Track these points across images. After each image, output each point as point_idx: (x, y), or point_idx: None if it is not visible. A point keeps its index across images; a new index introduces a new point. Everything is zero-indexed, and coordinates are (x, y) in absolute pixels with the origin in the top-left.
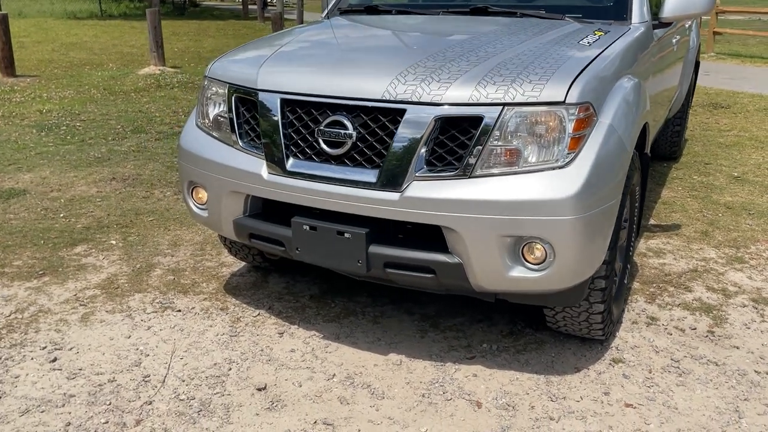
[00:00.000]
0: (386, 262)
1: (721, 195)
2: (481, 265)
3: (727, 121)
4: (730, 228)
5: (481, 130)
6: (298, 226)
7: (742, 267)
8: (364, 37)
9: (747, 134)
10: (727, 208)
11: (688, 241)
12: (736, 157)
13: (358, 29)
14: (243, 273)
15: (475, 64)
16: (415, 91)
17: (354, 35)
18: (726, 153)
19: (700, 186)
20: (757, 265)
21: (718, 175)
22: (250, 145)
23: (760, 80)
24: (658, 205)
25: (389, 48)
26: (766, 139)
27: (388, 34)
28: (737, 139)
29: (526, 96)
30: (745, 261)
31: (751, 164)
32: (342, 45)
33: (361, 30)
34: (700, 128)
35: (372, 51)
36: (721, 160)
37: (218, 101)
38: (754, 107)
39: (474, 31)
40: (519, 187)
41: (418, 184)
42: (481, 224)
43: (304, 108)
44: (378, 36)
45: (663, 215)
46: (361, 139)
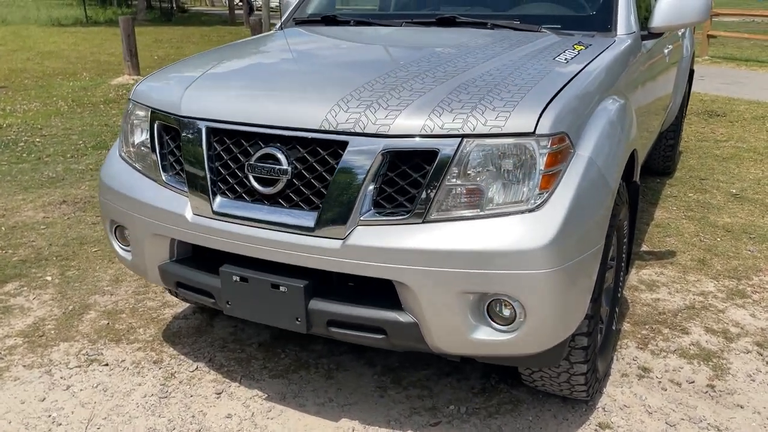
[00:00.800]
0: (329, 320)
1: (719, 215)
2: (439, 326)
3: (724, 131)
4: (730, 255)
5: (437, 166)
6: (227, 277)
7: (743, 303)
8: (311, 54)
9: (744, 145)
10: (726, 231)
11: (684, 271)
12: (733, 171)
13: (308, 44)
14: (187, 315)
15: (431, 87)
16: (358, 120)
17: (301, 51)
18: (723, 167)
19: (696, 205)
20: (760, 300)
21: (715, 192)
22: (175, 180)
23: (755, 85)
24: (650, 228)
25: (336, 67)
26: (765, 150)
27: (340, 50)
28: (735, 151)
29: (489, 126)
30: (748, 295)
31: (750, 179)
32: (283, 63)
33: (311, 44)
34: (695, 138)
35: (315, 71)
36: (717, 175)
37: (142, 128)
38: (751, 115)
39: (437, 45)
40: (481, 235)
41: (363, 230)
42: (437, 279)
43: (232, 138)
44: (328, 52)
45: (656, 240)
46: (297, 176)
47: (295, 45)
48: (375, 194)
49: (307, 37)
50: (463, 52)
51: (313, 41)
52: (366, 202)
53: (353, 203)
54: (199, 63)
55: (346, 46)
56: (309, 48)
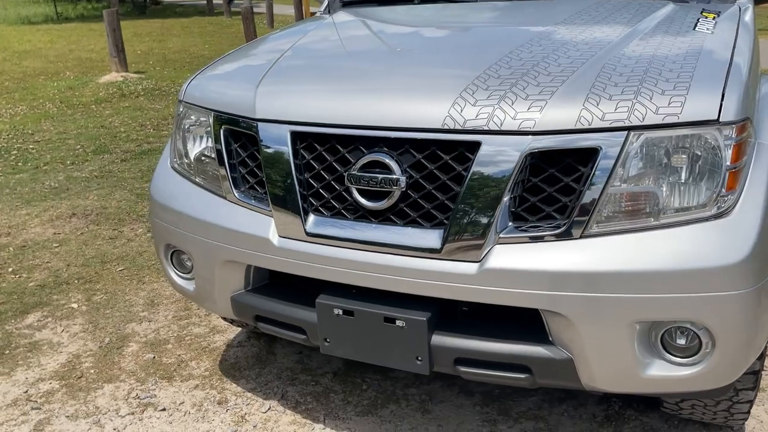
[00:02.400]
0: (458, 357)
1: None
2: (601, 362)
3: None
4: None
5: (598, 167)
6: (326, 310)
7: None
8: (392, 39)
9: None
10: None
11: None
12: None
13: (378, 28)
14: (242, 342)
15: (572, 69)
16: (492, 115)
17: (376, 37)
18: None
19: None
20: None
21: None
22: (251, 197)
23: None
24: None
25: (435, 52)
26: None
27: (425, 34)
28: None
29: (662, 115)
30: None
31: None
32: (366, 51)
33: (384, 29)
34: None
35: (412, 58)
36: None
37: (201, 135)
38: None
39: (542, 22)
40: (658, 251)
41: (503, 249)
42: (602, 307)
43: (326, 143)
44: (410, 37)
45: None
46: (413, 186)
47: (362, 30)
48: (515, 205)
49: (372, 22)
50: (580, 29)
51: (383, 25)
52: (504, 214)
53: (490, 217)
54: (255, 54)
55: (428, 28)
56: (383, 32)
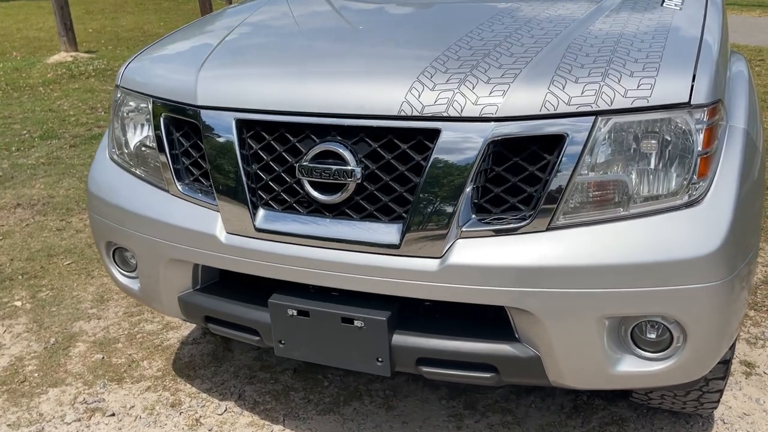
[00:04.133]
0: (421, 357)
1: None
2: (569, 359)
3: None
4: None
5: (565, 154)
6: (279, 310)
7: None
8: (347, 17)
9: None
10: None
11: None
12: None
13: (333, 4)
14: (197, 339)
15: (535, 50)
16: (452, 100)
17: (332, 15)
18: None
19: None
20: None
21: None
22: (196, 190)
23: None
24: None
25: (392, 32)
26: None
27: (382, 11)
28: None
29: (630, 98)
30: None
31: None
32: (316, 31)
33: (339, 5)
34: None
35: (368, 39)
36: None
37: (141, 123)
38: None
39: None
40: (628, 242)
41: (465, 244)
42: (571, 303)
43: (274, 132)
44: (366, 14)
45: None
46: (369, 178)
47: (317, 6)
48: (478, 196)
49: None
50: (545, 4)
51: (341, 1)
52: (467, 206)
53: (452, 210)
54: (200, 34)
55: (389, 5)
56: (338, 9)
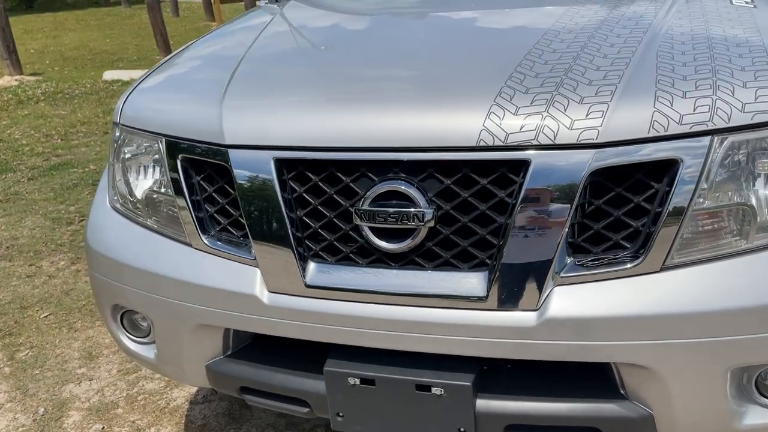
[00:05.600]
0: (510, 425)
1: None
2: (689, 416)
3: None
4: None
5: (678, 182)
6: (338, 379)
7: None
8: (388, 31)
9: None
10: None
11: None
12: None
13: (353, 19)
14: (207, 396)
15: (624, 60)
16: (542, 125)
17: (369, 29)
18: None
19: None
20: None
21: None
22: (226, 242)
23: None
24: None
25: (445, 47)
26: None
27: (426, 22)
28: None
29: (749, 112)
30: None
31: None
32: (359, 48)
33: (363, 20)
34: None
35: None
36: None
37: (149, 166)
38: None
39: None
40: (754, 280)
41: (565, 291)
42: (696, 353)
43: (323, 171)
44: (402, 28)
45: None
46: (444, 220)
47: (348, 20)
48: (574, 234)
49: (341, 14)
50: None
51: (357, 19)
52: (563, 249)
53: (548, 252)
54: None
55: (422, 16)
56: (377, 25)
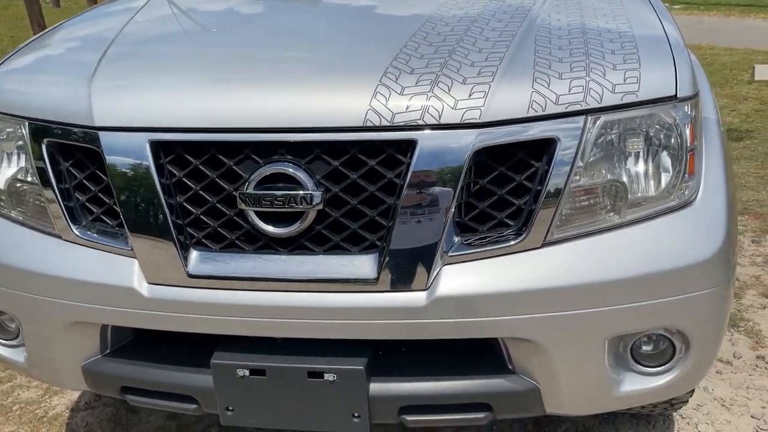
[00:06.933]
0: (404, 406)
1: None
2: (572, 386)
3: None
4: None
5: (556, 160)
6: (226, 372)
7: None
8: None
9: None
10: None
11: None
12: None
13: (237, 3)
14: (90, 402)
15: (504, 45)
16: (427, 105)
17: (255, 8)
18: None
19: None
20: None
21: None
22: (100, 233)
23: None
24: None
25: (333, 27)
26: None
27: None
28: None
29: (619, 93)
30: None
31: None
32: (245, 26)
33: (246, 3)
34: None
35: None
36: None
37: (11, 152)
38: None
39: None
40: (627, 254)
41: (453, 270)
42: (577, 325)
43: (204, 154)
44: (287, 6)
45: None
46: (333, 202)
47: (219, 6)
48: (461, 213)
49: None
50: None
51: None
52: (450, 229)
53: (437, 232)
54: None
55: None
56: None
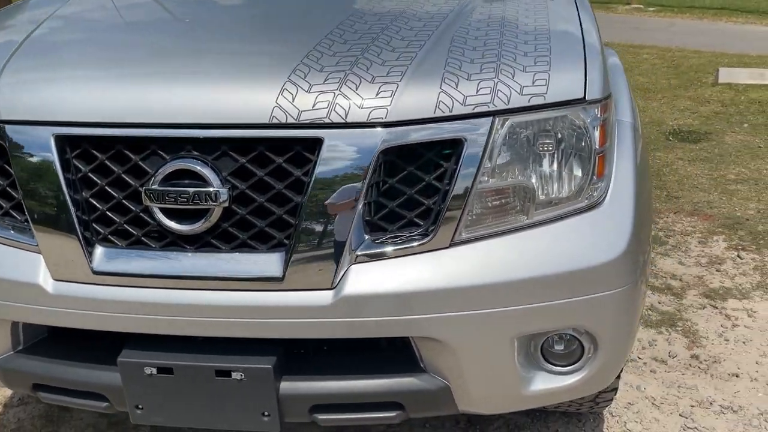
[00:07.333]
0: (315, 405)
1: None
2: (482, 385)
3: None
4: None
5: (463, 161)
6: (133, 370)
7: (665, 250)
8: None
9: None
10: None
11: None
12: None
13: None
14: (24, 399)
15: (418, 44)
16: (333, 103)
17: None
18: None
19: None
20: (676, 244)
21: None
22: (6, 227)
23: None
24: None
25: (246, 23)
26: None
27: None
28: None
29: (527, 95)
30: (663, 241)
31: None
32: (156, 23)
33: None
34: None
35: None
36: None
37: None
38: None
39: None
40: (534, 254)
41: (361, 269)
42: (482, 324)
43: (109, 149)
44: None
45: None
46: (239, 200)
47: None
48: (370, 212)
49: None
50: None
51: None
52: (358, 225)
53: (343, 231)
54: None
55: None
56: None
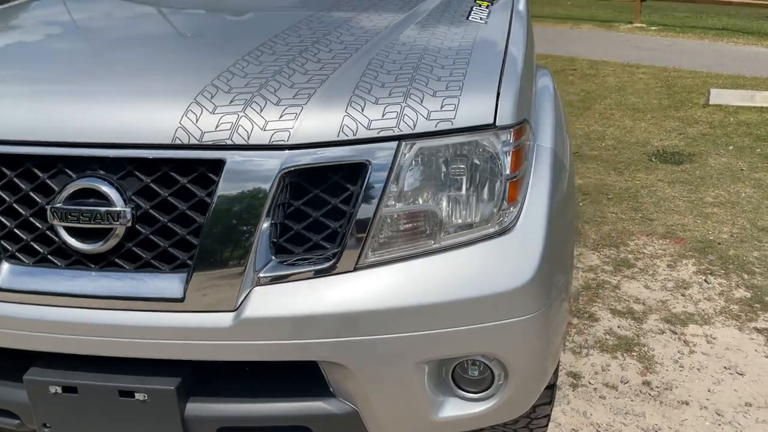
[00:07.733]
0: (222, 427)
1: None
2: (390, 410)
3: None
4: (598, 220)
5: (367, 184)
6: (39, 388)
7: (632, 273)
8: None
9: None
10: (584, 194)
11: None
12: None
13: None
14: None
15: (333, 66)
16: (237, 125)
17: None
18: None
19: None
20: (645, 267)
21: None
22: None
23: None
24: None
25: (167, 42)
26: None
27: (153, 19)
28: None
29: (434, 120)
30: (632, 264)
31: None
32: (75, 41)
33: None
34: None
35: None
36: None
37: None
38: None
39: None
40: (444, 277)
41: (264, 291)
42: (387, 350)
43: (16, 167)
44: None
45: None
46: (143, 219)
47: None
48: (275, 234)
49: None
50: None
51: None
52: (264, 248)
53: (246, 253)
54: None
55: (163, 10)
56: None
